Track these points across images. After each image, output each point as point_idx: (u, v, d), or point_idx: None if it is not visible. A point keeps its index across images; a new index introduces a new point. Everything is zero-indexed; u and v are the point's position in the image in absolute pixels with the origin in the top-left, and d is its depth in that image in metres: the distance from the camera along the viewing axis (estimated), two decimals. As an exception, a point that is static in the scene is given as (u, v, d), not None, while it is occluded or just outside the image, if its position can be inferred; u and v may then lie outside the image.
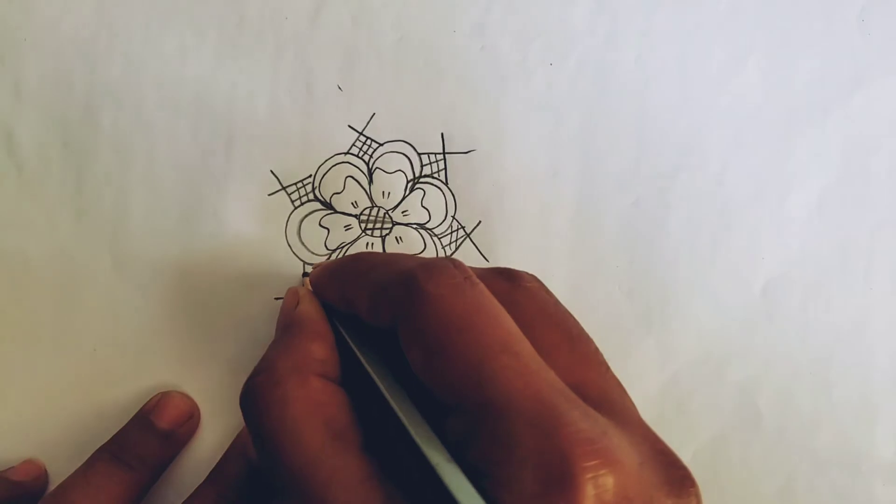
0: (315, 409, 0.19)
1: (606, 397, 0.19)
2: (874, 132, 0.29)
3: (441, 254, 0.29)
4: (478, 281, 0.19)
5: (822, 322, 0.28)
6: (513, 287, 0.21)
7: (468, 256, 0.29)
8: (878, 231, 0.29)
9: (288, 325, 0.23)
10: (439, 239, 0.29)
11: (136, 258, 0.29)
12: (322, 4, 0.30)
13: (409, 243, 0.29)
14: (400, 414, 0.19)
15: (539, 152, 0.29)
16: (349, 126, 0.30)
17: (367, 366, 0.21)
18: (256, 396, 0.20)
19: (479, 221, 0.29)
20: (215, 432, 0.29)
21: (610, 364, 0.20)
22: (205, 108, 0.30)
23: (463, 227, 0.29)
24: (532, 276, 0.22)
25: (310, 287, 0.25)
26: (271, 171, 0.29)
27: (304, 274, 0.28)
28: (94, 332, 0.29)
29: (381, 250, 0.29)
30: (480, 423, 0.17)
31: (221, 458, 0.28)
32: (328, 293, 0.24)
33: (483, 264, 0.29)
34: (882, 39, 0.29)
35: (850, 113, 0.29)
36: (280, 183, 0.29)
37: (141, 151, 0.30)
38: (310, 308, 0.23)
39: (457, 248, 0.29)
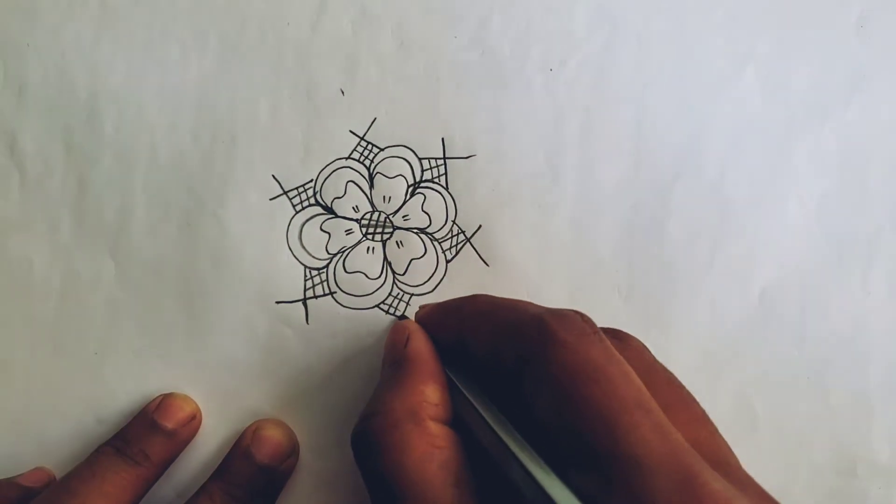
0: (434, 454, 0.20)
1: (722, 458, 0.19)
2: (872, 138, 0.29)
3: (441, 257, 0.29)
4: (604, 336, 0.20)
5: (819, 327, 0.28)
6: (622, 346, 0.21)
7: (469, 261, 0.29)
8: (876, 236, 0.29)
9: (399, 363, 0.23)
10: (440, 243, 0.29)
11: (138, 262, 0.29)
12: (323, 10, 0.30)
13: (410, 248, 0.29)
14: (527, 463, 0.18)
15: (538, 157, 0.29)
16: (350, 131, 0.30)
17: (482, 411, 0.21)
18: (373, 439, 0.20)
19: (480, 226, 0.29)
20: (216, 433, 0.29)
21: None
22: (206, 113, 0.30)
23: (463, 232, 0.29)
24: (637, 338, 0.22)
25: (415, 322, 0.25)
26: (273, 176, 0.30)
27: (401, 316, 0.28)
28: (95, 335, 0.29)
29: (381, 254, 0.29)
30: (615, 477, 0.16)
31: (225, 459, 0.28)
32: (439, 331, 0.24)
33: (483, 268, 0.29)
34: (880, 45, 0.30)
35: (847, 119, 0.29)
36: (281, 187, 0.30)
37: (143, 156, 0.30)
38: (422, 346, 0.23)
39: (457, 253, 0.29)
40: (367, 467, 0.20)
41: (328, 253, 0.29)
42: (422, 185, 0.30)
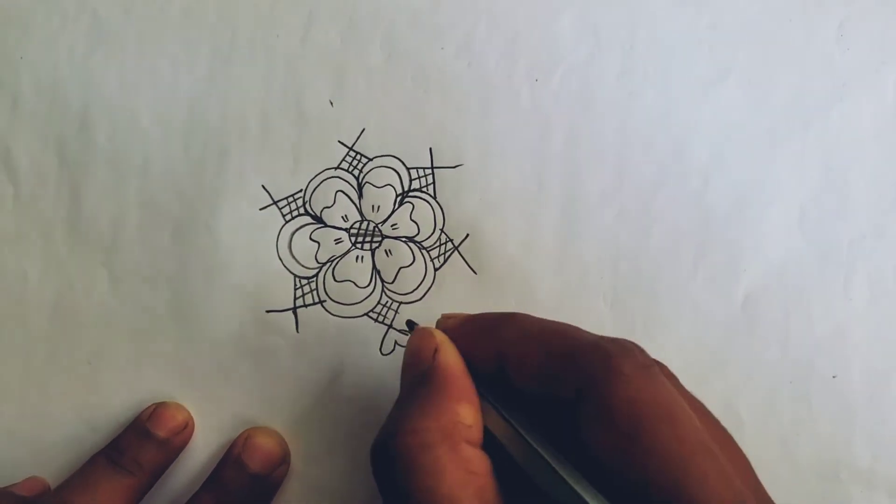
0: (469, 480, 0.18)
1: (764, 500, 0.19)
2: (853, 145, 0.30)
3: (430, 266, 0.30)
4: (658, 370, 0.19)
5: (802, 332, 0.28)
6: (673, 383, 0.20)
7: (457, 269, 0.29)
8: (857, 243, 0.29)
9: (429, 378, 0.21)
10: (428, 252, 0.30)
11: (131, 272, 0.30)
12: (312, 22, 0.31)
13: (399, 256, 0.30)
14: (579, 488, 0.18)
15: (525, 166, 0.30)
16: (339, 141, 0.30)
17: (525, 435, 0.19)
18: (402, 458, 0.18)
19: (467, 234, 0.30)
20: (209, 441, 0.29)
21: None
22: (197, 124, 0.30)
23: (451, 240, 0.30)
24: (666, 366, 0.21)
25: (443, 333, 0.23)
26: (263, 186, 0.30)
27: (410, 322, 0.26)
28: (89, 344, 0.30)
29: (370, 263, 0.30)
30: None
31: (216, 467, 0.28)
32: (472, 348, 0.22)
33: (471, 276, 0.29)
34: (860, 54, 0.30)
35: (829, 126, 0.30)
36: (271, 197, 0.30)
37: (135, 167, 0.30)
38: (453, 361, 0.21)
39: (445, 261, 0.30)
40: (391, 486, 0.19)
41: (318, 262, 0.30)
42: (410, 194, 0.30)
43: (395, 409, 0.21)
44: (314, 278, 0.30)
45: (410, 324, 0.25)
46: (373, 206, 0.30)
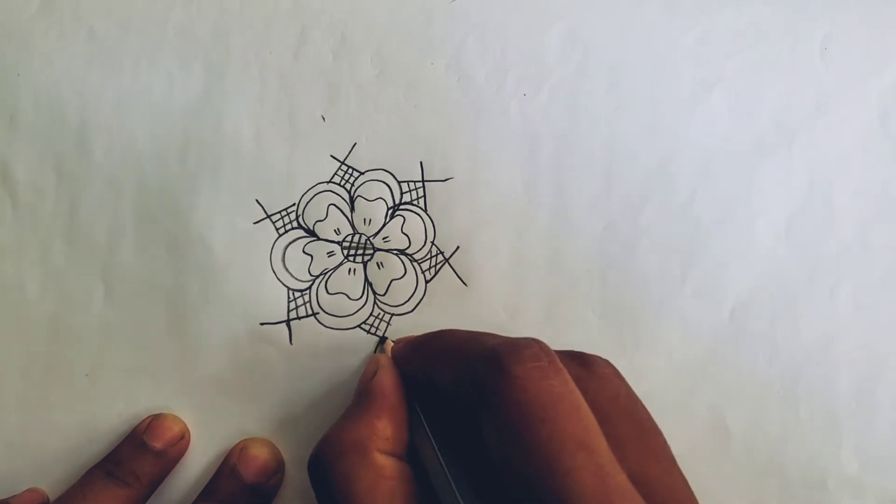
0: (379, 483, 0.21)
1: (671, 494, 0.19)
2: (838, 157, 0.30)
3: (421, 278, 0.30)
4: (561, 366, 0.20)
5: (789, 343, 0.29)
6: (587, 373, 0.21)
7: (447, 281, 0.30)
8: (843, 252, 0.29)
9: (362, 395, 0.24)
10: (419, 264, 0.30)
11: (128, 285, 0.30)
12: (304, 39, 0.31)
13: (390, 269, 0.30)
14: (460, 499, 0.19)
15: (514, 179, 0.30)
16: (331, 156, 0.31)
17: (435, 448, 0.22)
18: (323, 467, 0.21)
19: (458, 247, 0.30)
20: (205, 452, 0.29)
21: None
22: (193, 140, 0.31)
23: (442, 253, 0.30)
24: (606, 361, 0.22)
25: (390, 356, 0.26)
26: (256, 201, 0.30)
27: (381, 339, 0.29)
28: (87, 357, 0.30)
29: (362, 275, 0.30)
30: None
31: (212, 477, 0.29)
32: (410, 366, 0.25)
33: (462, 288, 0.30)
34: (844, 67, 0.30)
35: (814, 139, 0.30)
36: (265, 211, 0.30)
37: (131, 182, 0.31)
38: (386, 380, 0.24)
39: (436, 273, 0.30)
40: (319, 491, 0.22)
41: (311, 275, 0.30)
42: (401, 207, 0.30)
43: (332, 426, 0.23)
44: (307, 291, 0.30)
45: (383, 339, 0.29)
46: (365, 220, 0.30)
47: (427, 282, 0.30)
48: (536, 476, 0.17)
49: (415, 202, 0.30)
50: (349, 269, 0.30)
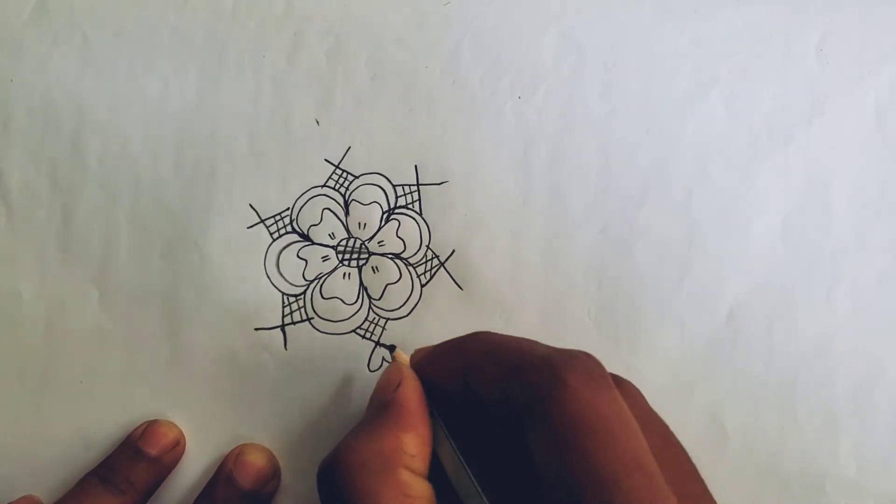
0: (405, 502, 0.19)
1: None
2: (834, 158, 0.30)
3: (416, 282, 0.30)
4: (612, 383, 0.19)
5: (787, 344, 0.29)
6: (621, 392, 0.20)
7: (443, 285, 0.30)
8: (840, 254, 0.29)
9: (384, 407, 0.22)
10: (414, 268, 0.30)
11: (123, 291, 0.30)
12: (299, 43, 0.31)
13: (385, 273, 0.30)
14: None
15: (509, 182, 0.30)
16: (326, 160, 0.30)
17: (465, 465, 0.20)
18: (340, 478, 0.20)
19: (453, 250, 0.30)
20: (200, 458, 0.29)
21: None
22: (187, 144, 0.31)
23: (437, 257, 0.30)
24: (631, 383, 0.22)
25: (410, 366, 0.24)
26: (250, 205, 0.30)
27: (391, 347, 0.27)
28: (81, 363, 0.30)
29: (357, 280, 0.30)
30: None
31: (208, 484, 0.28)
32: (439, 371, 0.23)
33: (457, 292, 0.30)
34: (839, 68, 0.30)
35: (810, 140, 0.30)
36: (259, 216, 0.30)
37: (126, 187, 0.31)
38: (410, 393, 0.22)
39: (431, 277, 0.30)
40: (331, 502, 0.20)
41: (305, 279, 0.30)
42: (396, 211, 0.30)
43: (347, 435, 0.22)
44: (302, 296, 0.30)
45: (392, 348, 0.27)
46: (359, 224, 0.30)
47: (423, 286, 0.30)
48: (591, 493, 0.17)
49: (410, 206, 0.30)
50: (344, 274, 0.30)
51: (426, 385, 0.23)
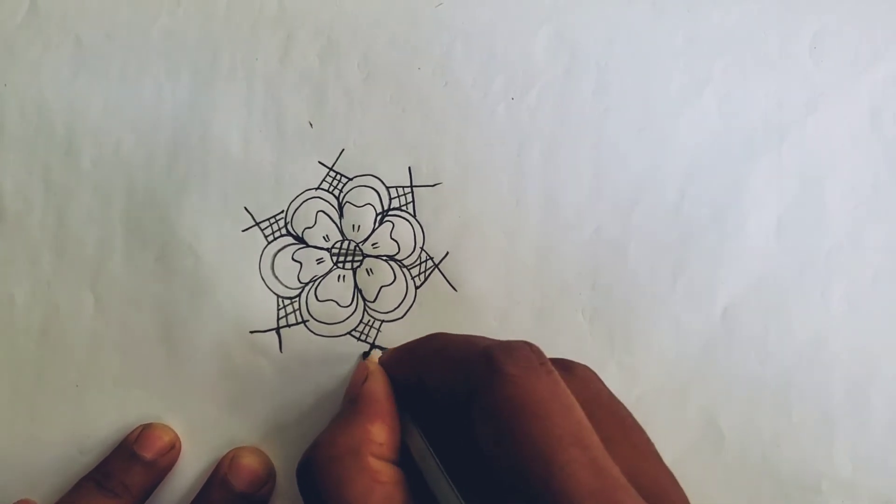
0: (374, 488, 0.20)
1: (662, 490, 0.19)
2: (829, 156, 0.30)
3: (411, 284, 0.30)
4: (552, 368, 0.20)
5: (782, 344, 0.29)
6: (569, 376, 0.21)
7: (437, 286, 0.30)
8: (835, 254, 0.29)
9: (352, 401, 0.24)
10: (409, 270, 0.30)
11: (117, 294, 0.30)
12: (291, 45, 0.31)
13: (380, 275, 0.30)
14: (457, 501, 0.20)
15: (503, 183, 0.30)
16: (319, 162, 0.30)
17: (430, 449, 0.22)
18: (314, 472, 0.21)
19: (447, 252, 0.30)
20: (196, 462, 0.29)
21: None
22: (180, 147, 0.31)
23: (431, 258, 0.30)
24: (586, 366, 0.23)
25: (378, 363, 0.26)
26: (245, 208, 0.30)
27: (369, 348, 0.29)
28: (76, 367, 0.30)
29: (352, 282, 0.30)
30: None
31: (203, 487, 0.28)
32: (400, 370, 0.25)
33: (452, 294, 0.30)
34: (833, 66, 0.30)
35: (805, 138, 0.30)
36: (253, 219, 0.30)
37: (120, 191, 0.30)
38: (376, 386, 0.24)
39: (426, 279, 0.30)
40: (309, 498, 0.21)
41: (300, 282, 0.30)
42: (390, 213, 0.30)
43: (322, 431, 0.23)
44: (297, 298, 0.30)
45: (364, 354, 0.29)
46: (353, 226, 0.30)
47: (417, 288, 0.30)
48: (531, 472, 0.17)
49: (403, 208, 0.30)
50: (338, 276, 0.30)
51: (395, 382, 0.25)
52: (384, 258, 0.30)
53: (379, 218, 0.30)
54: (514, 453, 0.18)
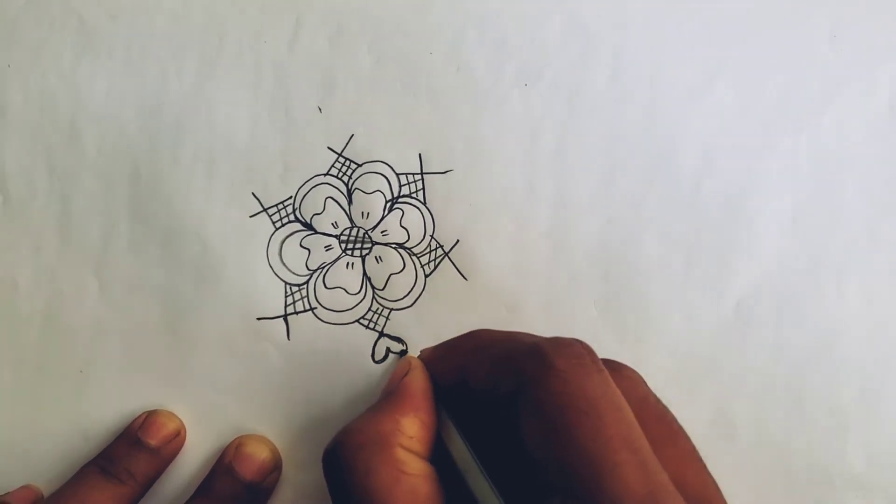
0: (400, 479, 0.20)
1: (706, 498, 0.19)
2: (846, 147, 0.29)
3: (420, 272, 0.29)
4: (602, 366, 0.19)
5: (796, 337, 0.28)
6: (616, 377, 0.21)
7: (447, 275, 0.29)
8: (851, 245, 0.29)
9: (389, 393, 0.24)
10: (418, 258, 0.29)
11: (121, 280, 0.30)
12: (299, 28, 0.30)
13: (389, 263, 0.29)
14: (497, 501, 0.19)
15: (514, 171, 0.29)
16: (328, 148, 0.30)
17: (467, 446, 0.21)
18: (340, 458, 0.21)
19: (458, 240, 0.29)
20: (201, 449, 0.29)
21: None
22: (186, 132, 0.30)
23: (441, 246, 0.29)
24: (631, 368, 0.22)
25: (419, 360, 0.25)
26: (252, 194, 0.30)
27: (403, 352, 0.29)
28: (80, 353, 0.29)
29: (360, 270, 0.30)
30: None
31: (209, 474, 0.28)
32: (442, 366, 0.24)
33: (462, 283, 0.29)
34: (852, 55, 0.30)
35: (822, 128, 0.29)
36: (261, 205, 0.30)
37: (124, 176, 0.30)
38: (415, 381, 0.24)
39: (436, 267, 0.29)
40: (334, 484, 0.21)
41: (308, 269, 0.30)
42: (399, 200, 0.30)
43: (352, 420, 0.22)
44: (305, 285, 0.29)
45: (402, 353, 0.29)
46: (362, 213, 0.30)
47: (426, 276, 0.29)
48: (578, 472, 0.17)
49: (413, 195, 0.30)
50: (347, 264, 0.30)
51: (436, 379, 0.24)
52: (393, 246, 0.30)
53: (388, 205, 0.30)
54: (561, 452, 0.17)
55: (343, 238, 0.30)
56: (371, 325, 0.29)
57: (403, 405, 0.23)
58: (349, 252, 0.30)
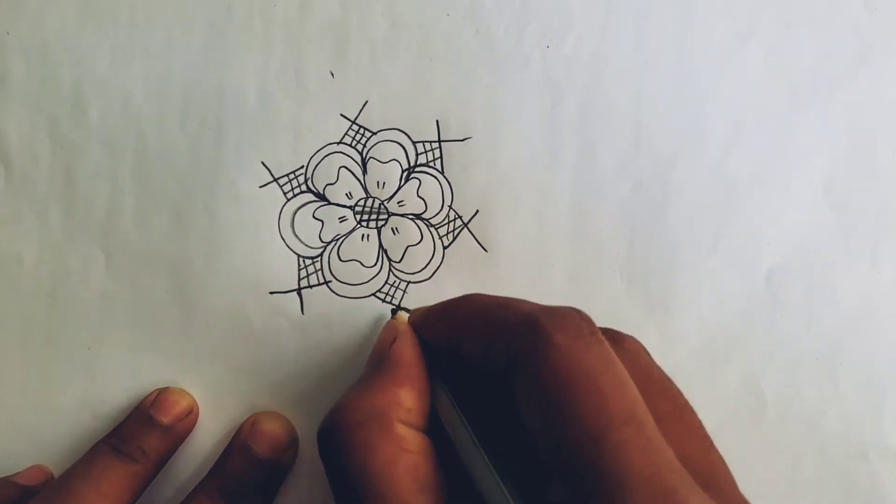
0: (401, 456, 0.19)
1: (713, 476, 0.18)
2: (880, 112, 0.28)
3: (438, 244, 0.29)
4: (602, 338, 0.19)
5: (828, 308, 0.28)
6: (618, 349, 0.20)
7: (466, 246, 0.28)
8: (885, 214, 0.28)
9: (379, 363, 0.22)
10: (436, 229, 0.29)
11: (129, 254, 0.29)
12: (311, -10, 0.29)
13: (406, 234, 0.29)
14: (492, 478, 0.18)
15: (536, 138, 0.28)
16: (341, 114, 0.29)
17: (463, 419, 0.20)
18: (338, 437, 0.20)
19: (477, 210, 0.29)
20: (214, 427, 0.28)
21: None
22: (193, 100, 0.29)
23: (460, 217, 0.29)
24: (634, 338, 0.21)
25: (406, 324, 0.24)
26: (262, 163, 0.29)
27: (394, 310, 0.28)
28: (88, 329, 0.29)
29: (376, 242, 0.29)
30: (594, 492, 0.16)
31: (223, 453, 0.28)
32: (432, 332, 0.23)
33: (481, 254, 0.28)
34: (889, 15, 0.29)
35: (855, 92, 0.29)
36: (271, 174, 0.29)
37: (130, 145, 0.29)
38: (406, 348, 0.23)
39: (454, 239, 0.29)
40: (331, 464, 0.20)
41: (322, 241, 0.29)
42: (416, 169, 0.29)
43: (344, 394, 0.21)
44: (318, 258, 0.29)
45: (393, 311, 0.27)
46: (378, 183, 0.29)
47: (445, 248, 0.28)
48: (578, 451, 0.16)
49: (431, 164, 0.29)
50: (362, 235, 0.29)
51: (425, 344, 0.23)
52: (410, 217, 0.29)
53: (405, 174, 0.29)
54: (560, 430, 0.17)
55: (358, 209, 0.29)
56: (388, 299, 0.28)
57: (398, 375, 0.22)
58: (364, 223, 0.29)
